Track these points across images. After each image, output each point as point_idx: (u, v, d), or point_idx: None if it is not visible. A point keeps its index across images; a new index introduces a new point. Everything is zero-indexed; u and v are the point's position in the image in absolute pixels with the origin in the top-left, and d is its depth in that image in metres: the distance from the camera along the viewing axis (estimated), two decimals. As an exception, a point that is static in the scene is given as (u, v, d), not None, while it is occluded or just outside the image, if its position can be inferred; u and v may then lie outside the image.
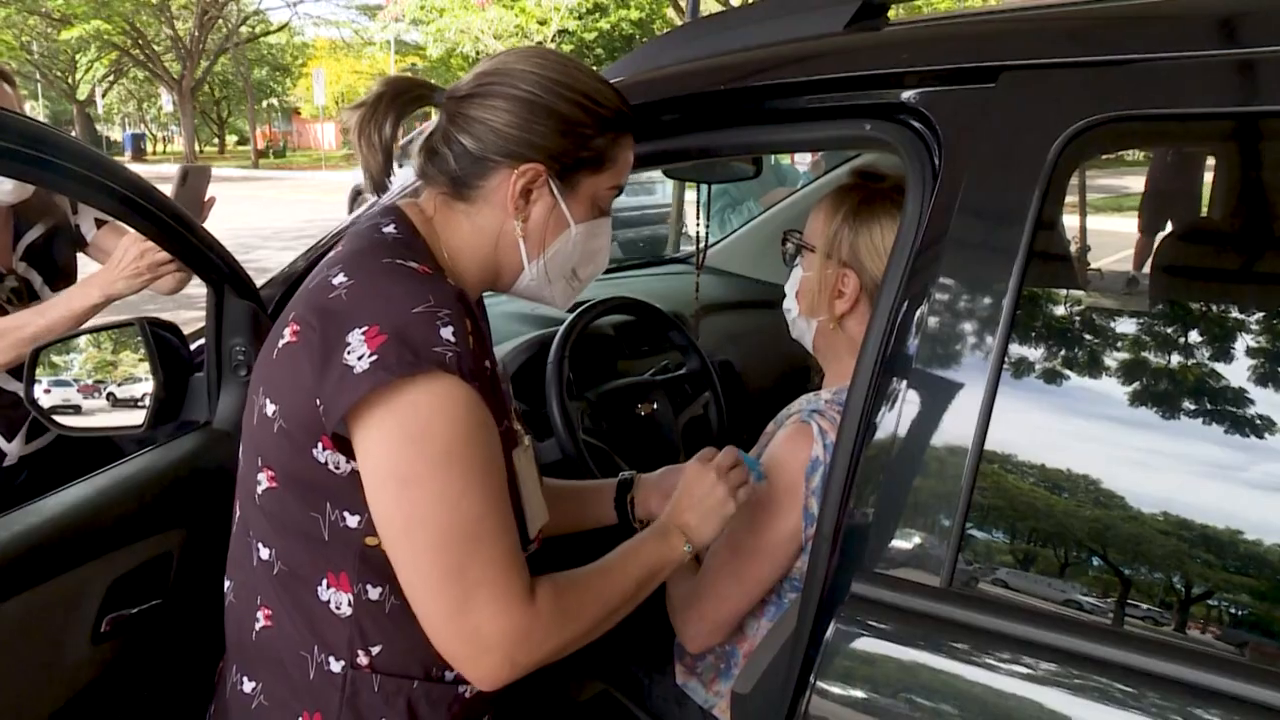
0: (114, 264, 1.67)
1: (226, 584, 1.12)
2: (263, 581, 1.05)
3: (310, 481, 0.99)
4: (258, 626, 1.06)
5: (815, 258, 1.37)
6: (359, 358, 0.91)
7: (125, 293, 1.68)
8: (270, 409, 0.99)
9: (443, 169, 1.07)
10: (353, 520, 0.99)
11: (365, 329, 0.92)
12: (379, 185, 1.06)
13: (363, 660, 1.03)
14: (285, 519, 1.02)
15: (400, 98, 1.06)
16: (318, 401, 0.94)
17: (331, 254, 1.07)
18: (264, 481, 1.02)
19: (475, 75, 1.07)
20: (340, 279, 0.97)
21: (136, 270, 1.65)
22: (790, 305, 1.44)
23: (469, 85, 1.06)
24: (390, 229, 1.05)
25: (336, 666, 1.03)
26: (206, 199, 1.79)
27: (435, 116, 1.11)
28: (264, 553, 1.04)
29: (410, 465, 0.93)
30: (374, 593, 1.02)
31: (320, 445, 0.97)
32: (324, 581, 1.02)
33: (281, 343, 0.99)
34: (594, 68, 1.14)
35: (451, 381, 0.93)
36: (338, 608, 1.02)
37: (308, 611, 1.03)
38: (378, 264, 0.99)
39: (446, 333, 0.93)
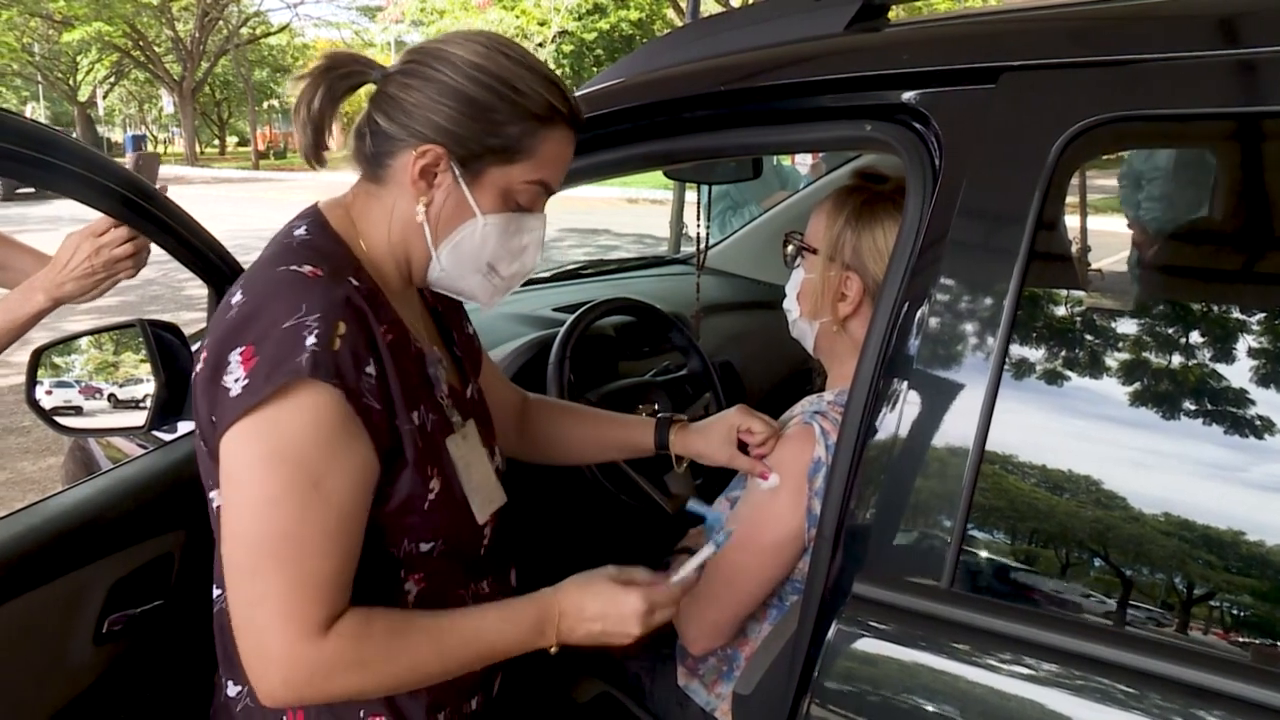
0: (60, 263, 1.44)
1: (215, 592, 1.12)
2: None
3: None
4: None
5: (817, 260, 1.37)
6: (235, 380, 0.92)
7: (75, 295, 1.45)
8: (196, 431, 1.01)
9: (361, 149, 1.06)
10: None
11: (242, 350, 0.92)
12: (310, 160, 1.05)
13: None
14: None
15: (334, 73, 1.04)
16: (214, 421, 0.95)
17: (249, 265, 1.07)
18: (215, 499, 1.03)
19: (405, 54, 1.05)
20: (236, 298, 0.98)
21: (89, 269, 1.42)
22: (791, 307, 1.43)
23: (396, 64, 1.05)
24: (301, 231, 1.05)
25: None
26: (158, 186, 1.56)
27: None
28: None
29: (233, 460, 0.93)
30: None
31: None
32: None
33: (197, 367, 0.99)
34: (594, 69, 1.12)
35: (306, 387, 0.92)
36: None
37: None
38: (271, 274, 0.98)
39: (310, 340, 0.91)
